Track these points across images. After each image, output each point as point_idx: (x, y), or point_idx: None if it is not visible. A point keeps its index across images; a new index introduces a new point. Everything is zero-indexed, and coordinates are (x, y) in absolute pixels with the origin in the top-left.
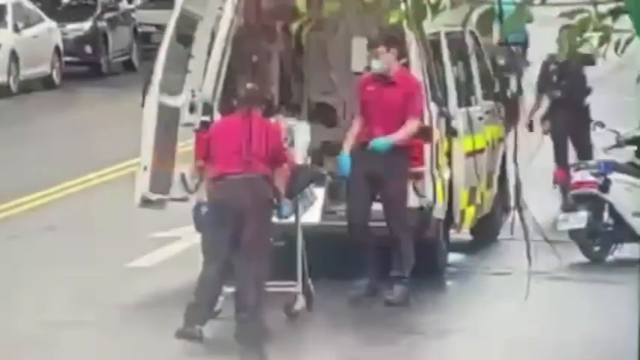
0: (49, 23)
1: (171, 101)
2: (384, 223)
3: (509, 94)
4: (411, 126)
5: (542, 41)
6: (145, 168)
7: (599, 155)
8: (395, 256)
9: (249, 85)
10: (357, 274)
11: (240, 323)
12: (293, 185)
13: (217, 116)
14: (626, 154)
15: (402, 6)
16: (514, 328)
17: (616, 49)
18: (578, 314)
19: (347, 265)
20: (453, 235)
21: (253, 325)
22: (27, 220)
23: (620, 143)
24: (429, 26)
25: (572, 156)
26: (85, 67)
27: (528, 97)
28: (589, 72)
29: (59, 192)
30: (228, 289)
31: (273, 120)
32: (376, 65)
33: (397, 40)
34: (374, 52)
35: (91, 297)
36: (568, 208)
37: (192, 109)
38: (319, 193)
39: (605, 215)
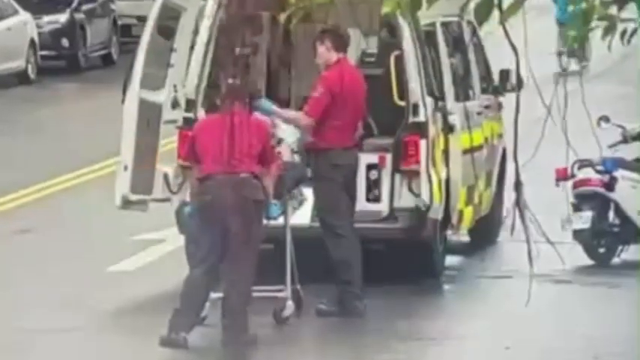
0: (23, 15)
1: (152, 97)
2: (368, 224)
3: (509, 87)
4: (296, 115)
5: (543, 32)
6: (126, 167)
7: (604, 152)
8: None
9: (230, 80)
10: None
11: (225, 329)
12: (281, 185)
13: (201, 112)
14: (632, 150)
15: None
16: (515, 333)
17: (622, 39)
18: (581, 318)
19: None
20: (451, 236)
21: (239, 331)
22: (2, 223)
23: (626, 139)
24: (425, 16)
25: (574, 153)
26: (62, 61)
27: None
28: (592, 63)
29: (36, 193)
30: (215, 295)
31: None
32: (317, 62)
33: (330, 32)
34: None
35: (71, 302)
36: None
37: (174, 105)
38: (309, 193)
39: (611, 215)
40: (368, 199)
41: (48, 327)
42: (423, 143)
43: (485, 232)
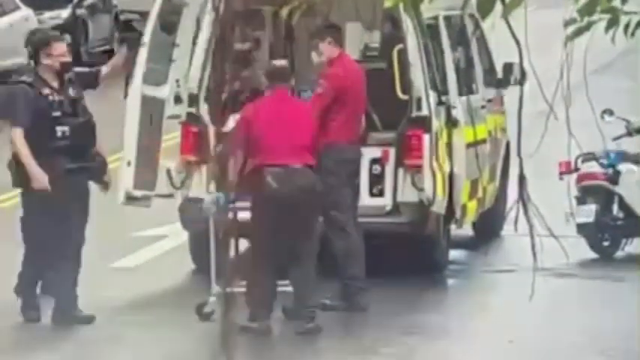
0: (25, 11)
1: (155, 92)
2: (372, 219)
3: (512, 80)
4: None
5: (545, 24)
6: (129, 163)
7: (608, 145)
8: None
9: (279, 62)
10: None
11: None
12: None
13: (204, 107)
14: (636, 144)
15: None
16: (518, 327)
17: (625, 32)
18: (586, 312)
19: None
20: (454, 230)
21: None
22: (3, 219)
23: (630, 132)
24: (427, 10)
25: (578, 146)
26: None
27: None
28: (596, 56)
29: None
30: (218, 289)
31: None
32: (315, 59)
33: (332, 27)
34: (314, 45)
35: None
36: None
37: (177, 100)
38: None
39: (615, 208)
40: (371, 194)
41: (49, 324)
42: (426, 137)
43: (489, 226)
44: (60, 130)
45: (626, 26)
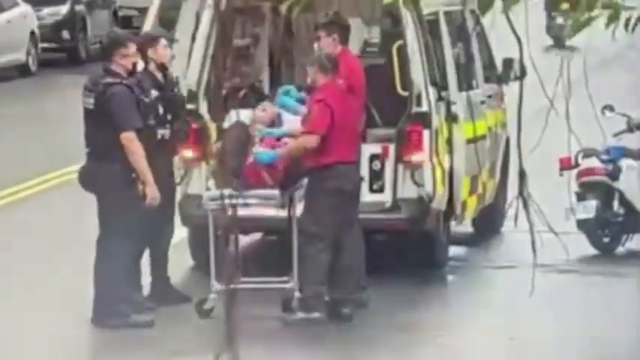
0: (23, 7)
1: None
2: (372, 215)
3: (512, 75)
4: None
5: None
6: None
7: (608, 140)
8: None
9: (327, 52)
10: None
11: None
12: (288, 176)
13: (203, 104)
14: (637, 139)
15: None
16: (519, 323)
17: (626, 28)
18: (586, 308)
19: None
20: (454, 227)
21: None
22: (2, 217)
23: (631, 128)
24: (427, 5)
25: (578, 142)
26: (63, 53)
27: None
28: (598, 51)
29: (35, 187)
30: (219, 286)
31: (260, 107)
32: (317, 50)
33: (337, 24)
34: (316, 37)
35: (72, 297)
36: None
37: None
38: None
39: (615, 204)
40: (371, 190)
41: (50, 322)
42: (426, 133)
43: (489, 222)
44: (160, 133)
45: (627, 21)
